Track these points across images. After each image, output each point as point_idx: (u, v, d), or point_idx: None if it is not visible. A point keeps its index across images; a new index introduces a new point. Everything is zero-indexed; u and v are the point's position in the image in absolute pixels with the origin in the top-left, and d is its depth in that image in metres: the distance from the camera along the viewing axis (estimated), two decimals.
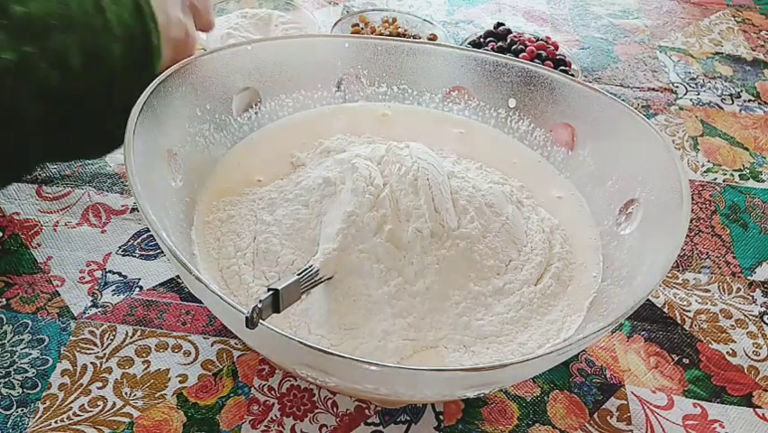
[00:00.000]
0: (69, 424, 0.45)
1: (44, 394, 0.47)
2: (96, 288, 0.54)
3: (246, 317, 0.36)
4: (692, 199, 0.67)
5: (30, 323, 0.51)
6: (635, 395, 0.51)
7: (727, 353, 0.55)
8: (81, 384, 0.47)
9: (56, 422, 0.45)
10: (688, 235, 0.59)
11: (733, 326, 0.57)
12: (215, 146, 0.56)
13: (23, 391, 0.47)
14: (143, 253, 0.57)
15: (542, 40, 0.81)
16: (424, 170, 0.48)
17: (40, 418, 0.45)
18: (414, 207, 0.47)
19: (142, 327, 0.51)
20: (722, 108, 0.82)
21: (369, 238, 0.46)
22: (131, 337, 0.51)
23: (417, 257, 0.46)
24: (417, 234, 0.46)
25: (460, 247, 0.47)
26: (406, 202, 0.47)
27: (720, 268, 0.62)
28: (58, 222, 0.58)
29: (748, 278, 0.61)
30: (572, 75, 0.76)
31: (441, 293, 0.46)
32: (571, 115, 0.59)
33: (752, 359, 0.54)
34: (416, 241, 0.46)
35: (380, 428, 0.47)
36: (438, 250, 0.47)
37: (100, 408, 0.46)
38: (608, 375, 0.52)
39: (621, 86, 0.84)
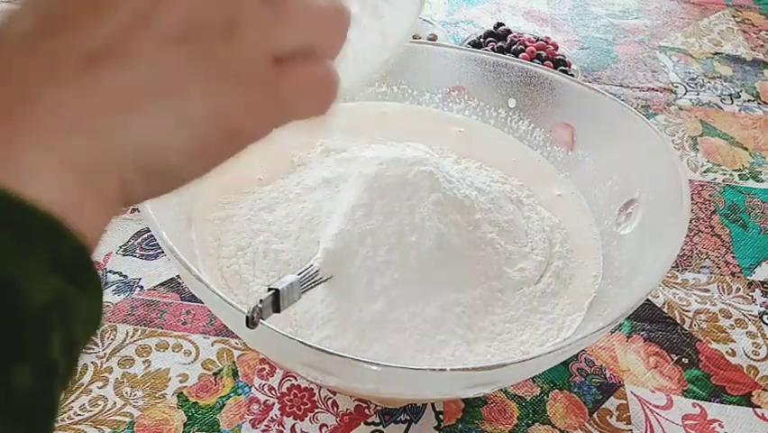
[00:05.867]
0: (70, 424, 0.45)
1: None
2: None
3: (246, 317, 0.36)
4: (692, 199, 0.67)
5: None
6: (635, 395, 0.51)
7: (727, 352, 0.55)
8: (82, 384, 0.47)
9: (56, 422, 0.45)
10: (687, 235, 0.59)
11: (732, 325, 0.57)
12: None
13: None
14: (144, 252, 0.57)
15: (541, 40, 0.81)
16: (427, 169, 0.48)
17: None
18: (416, 206, 0.47)
19: (143, 327, 0.51)
20: (722, 108, 0.82)
21: (369, 238, 0.46)
22: (131, 337, 0.51)
23: (420, 257, 0.46)
24: (420, 235, 0.46)
25: (462, 246, 0.47)
26: (408, 201, 0.47)
27: (720, 268, 0.62)
28: None
29: (748, 278, 0.61)
30: (572, 75, 0.76)
31: (443, 293, 0.46)
32: (571, 115, 0.59)
33: (751, 359, 0.54)
34: (419, 241, 0.46)
35: (380, 427, 0.47)
36: (441, 249, 0.47)
37: (101, 407, 0.46)
38: (607, 375, 0.52)
39: (621, 86, 0.84)
